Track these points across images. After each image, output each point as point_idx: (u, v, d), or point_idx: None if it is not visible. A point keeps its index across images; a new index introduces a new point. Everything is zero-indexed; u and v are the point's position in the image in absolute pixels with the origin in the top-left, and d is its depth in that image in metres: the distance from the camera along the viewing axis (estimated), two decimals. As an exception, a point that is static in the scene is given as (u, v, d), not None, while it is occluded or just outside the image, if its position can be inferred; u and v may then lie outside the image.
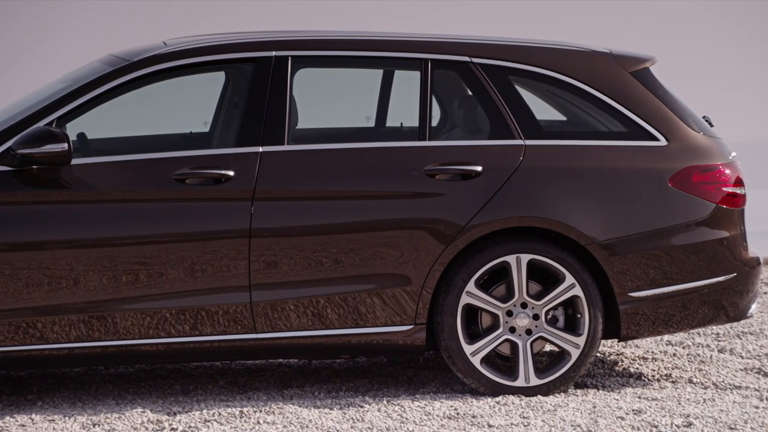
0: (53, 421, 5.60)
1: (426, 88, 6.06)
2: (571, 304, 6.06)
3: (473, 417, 5.68)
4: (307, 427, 5.54)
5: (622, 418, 5.66)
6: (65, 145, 5.65)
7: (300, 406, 5.82)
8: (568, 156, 6.04)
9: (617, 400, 5.98)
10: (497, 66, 6.12)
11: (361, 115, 6.48)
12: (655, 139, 6.14)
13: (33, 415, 5.66)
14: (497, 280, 6.04)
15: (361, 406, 5.83)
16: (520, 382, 6.01)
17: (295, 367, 6.62)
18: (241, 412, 5.72)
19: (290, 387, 6.19)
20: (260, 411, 5.74)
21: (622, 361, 6.72)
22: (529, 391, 6.01)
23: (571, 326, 6.05)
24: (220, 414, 5.69)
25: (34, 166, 5.68)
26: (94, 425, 5.54)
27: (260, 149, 5.88)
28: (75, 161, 5.74)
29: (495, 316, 6.01)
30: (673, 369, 6.55)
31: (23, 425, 5.54)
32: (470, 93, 6.18)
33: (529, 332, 6.03)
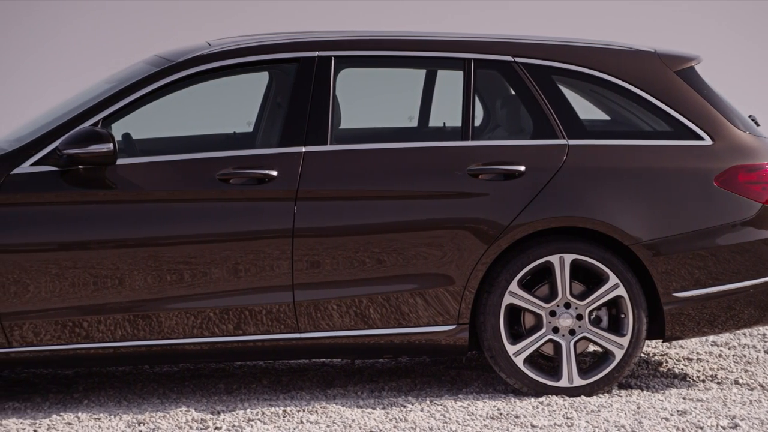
0: (99, 419, 5.64)
1: (469, 87, 6.06)
2: (614, 305, 6.03)
3: (516, 417, 5.67)
4: (350, 426, 5.55)
5: (667, 419, 5.63)
6: (110, 146, 5.69)
7: (343, 406, 5.83)
8: (611, 156, 6.02)
9: (662, 401, 5.95)
10: (541, 65, 6.11)
11: (403, 115, 6.48)
12: (700, 138, 6.10)
13: (79, 414, 5.71)
14: (540, 280, 6.03)
15: (404, 406, 5.83)
16: (563, 383, 5.99)
17: (338, 366, 6.63)
18: (285, 411, 5.73)
19: (333, 386, 6.21)
20: (303, 410, 5.75)
21: (667, 362, 6.68)
22: (572, 392, 5.99)
23: (615, 327, 6.03)
24: (263, 413, 5.71)
25: (80, 166, 5.72)
26: (139, 424, 5.57)
27: (303, 149, 5.90)
28: (120, 161, 5.77)
29: (538, 316, 6.00)
30: (718, 370, 6.51)
31: (70, 423, 5.58)
32: (513, 92, 6.17)
33: (572, 332, 6.01)
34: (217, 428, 5.51)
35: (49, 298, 5.69)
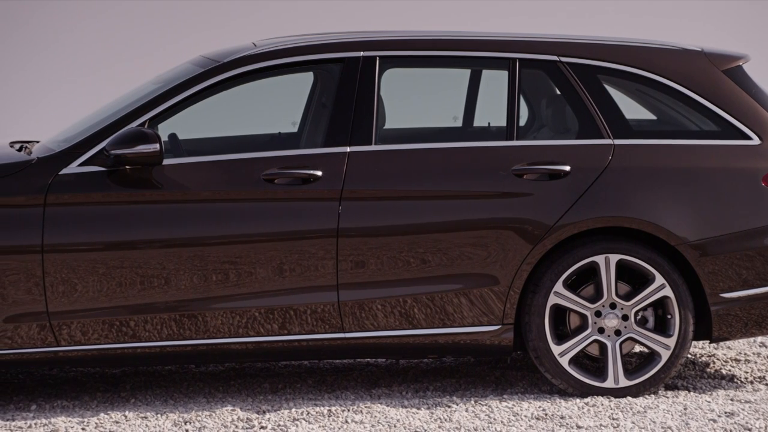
0: (146, 418, 5.68)
1: (514, 87, 6.05)
2: (661, 305, 6.00)
3: (561, 418, 5.65)
4: (394, 426, 5.55)
5: (714, 421, 5.59)
6: (157, 146, 5.72)
7: (388, 406, 5.84)
8: (658, 155, 5.99)
9: (709, 402, 5.91)
10: (586, 65, 6.09)
11: (448, 115, 6.48)
12: (748, 138, 6.05)
13: (126, 412, 5.75)
14: (585, 281, 6.00)
15: (449, 406, 5.83)
16: (609, 383, 5.96)
17: (383, 366, 6.64)
18: (330, 411, 5.75)
19: (378, 386, 6.21)
20: (348, 410, 5.76)
21: (714, 363, 6.64)
22: (618, 393, 5.96)
23: (661, 327, 5.99)
24: (308, 413, 5.73)
25: (127, 167, 5.76)
26: (185, 423, 5.60)
27: (348, 149, 5.91)
28: (166, 161, 5.81)
29: (583, 317, 5.98)
30: (767, 371, 6.45)
31: (117, 422, 5.62)
32: (558, 92, 6.15)
33: (618, 333, 5.98)
34: (262, 427, 5.53)
35: (97, 298, 5.73)
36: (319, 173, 5.85)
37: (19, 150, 6.12)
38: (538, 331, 5.94)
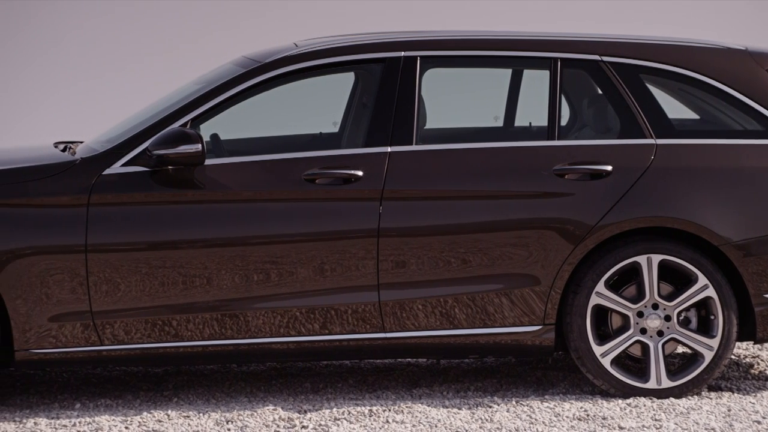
0: (188, 417, 5.70)
1: (555, 87, 6.03)
2: (704, 306, 5.96)
3: (603, 419, 5.63)
4: (435, 426, 5.55)
5: (759, 422, 5.55)
6: (199, 146, 5.75)
7: (429, 406, 5.83)
8: (701, 155, 5.95)
9: (753, 403, 5.86)
10: (628, 64, 6.06)
11: (489, 115, 6.47)
12: (793, 137, 6.01)
13: (169, 411, 5.78)
14: (627, 281, 5.98)
15: (490, 407, 5.82)
16: (651, 384, 5.93)
17: (424, 366, 6.63)
18: (371, 410, 5.75)
19: (419, 386, 6.21)
20: (389, 410, 5.76)
21: (758, 364, 6.59)
22: (661, 394, 5.93)
23: (704, 328, 5.95)
24: (349, 412, 5.73)
25: (169, 167, 5.79)
26: (227, 422, 5.63)
27: (389, 149, 5.91)
28: (208, 162, 5.83)
29: (625, 317, 5.95)
30: (810, 372, 6.40)
31: (160, 421, 5.65)
32: (600, 92, 6.13)
33: (660, 334, 5.95)
34: (303, 427, 5.55)
35: (140, 297, 5.77)
36: (360, 173, 5.86)
37: (63, 150, 6.17)
38: (579, 332, 5.92)
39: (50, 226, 5.70)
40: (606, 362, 5.93)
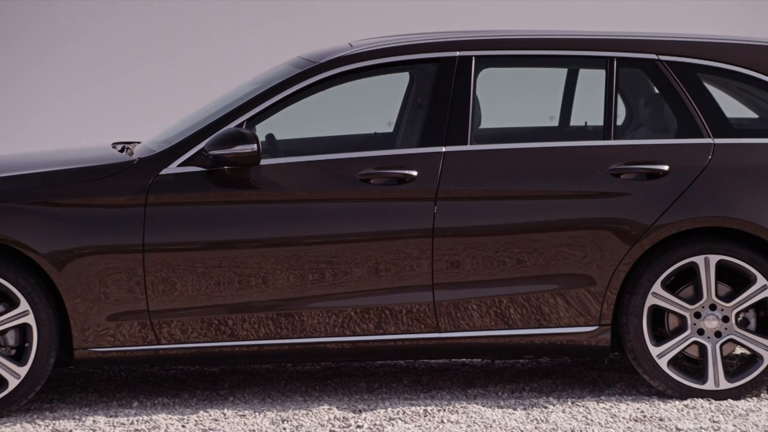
0: (244, 416, 5.73)
1: (611, 86, 6.00)
2: (762, 306, 5.90)
3: (660, 420, 5.60)
4: (490, 426, 5.54)
5: (817, 425, 5.49)
6: (254, 146, 5.77)
7: (483, 406, 5.83)
8: (759, 154, 5.89)
9: (812, 405, 5.80)
10: (685, 63, 6.02)
11: (544, 115, 6.45)
12: None
13: (225, 410, 5.81)
14: (684, 281, 5.93)
15: (545, 407, 5.80)
16: (709, 386, 5.88)
17: (479, 366, 6.62)
18: (425, 410, 5.75)
19: (473, 386, 6.20)
20: (444, 410, 5.76)
21: (817, 366, 6.50)
22: (718, 395, 5.88)
23: (764, 329, 5.90)
24: (404, 412, 5.74)
25: (225, 167, 5.82)
26: (282, 421, 5.65)
27: (443, 149, 5.91)
28: (264, 162, 5.86)
29: (682, 318, 5.91)
30: None
31: (216, 420, 5.68)
32: (657, 91, 6.09)
33: (718, 334, 5.90)
34: (358, 426, 5.56)
35: (196, 297, 5.80)
36: (415, 173, 5.86)
37: (121, 151, 6.23)
38: (635, 332, 5.88)
39: (108, 225, 5.75)
40: (663, 363, 5.89)
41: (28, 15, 12.54)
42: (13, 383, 5.72)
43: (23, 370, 5.72)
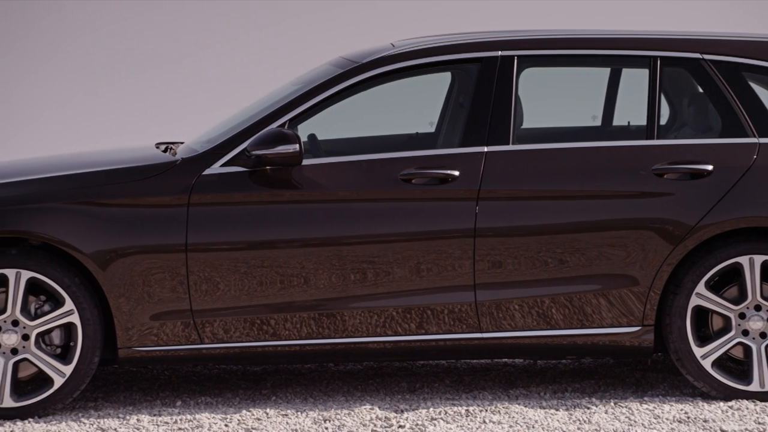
0: (286, 415, 5.75)
1: (655, 85, 5.96)
2: (808, 308, 5.85)
3: (705, 421, 5.56)
4: (532, 427, 5.52)
5: None
6: (296, 146, 5.79)
7: (526, 406, 5.81)
8: None
9: None
10: (730, 62, 5.97)
11: (587, 114, 6.42)
12: None
13: (267, 410, 5.83)
14: (729, 282, 5.89)
15: (588, 408, 5.78)
16: (754, 387, 5.84)
17: (521, 366, 6.61)
18: (467, 410, 5.74)
19: (515, 387, 6.19)
20: (486, 410, 5.75)
21: None
22: (764, 396, 5.83)
23: (809, 330, 5.85)
24: (446, 412, 5.73)
25: (268, 167, 5.84)
26: (324, 421, 5.66)
27: (485, 149, 5.90)
28: (305, 162, 5.87)
29: (726, 319, 5.86)
30: None
31: (258, 419, 5.70)
32: (701, 90, 6.04)
33: (763, 335, 5.85)
34: (400, 426, 5.56)
35: (238, 296, 5.82)
36: (457, 173, 5.85)
37: (165, 151, 6.26)
38: (679, 333, 5.84)
39: (152, 225, 5.78)
40: (707, 364, 5.85)
41: (28, 16, 12.59)
42: (58, 382, 5.77)
43: (68, 369, 5.76)
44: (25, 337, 5.76)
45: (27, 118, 12.35)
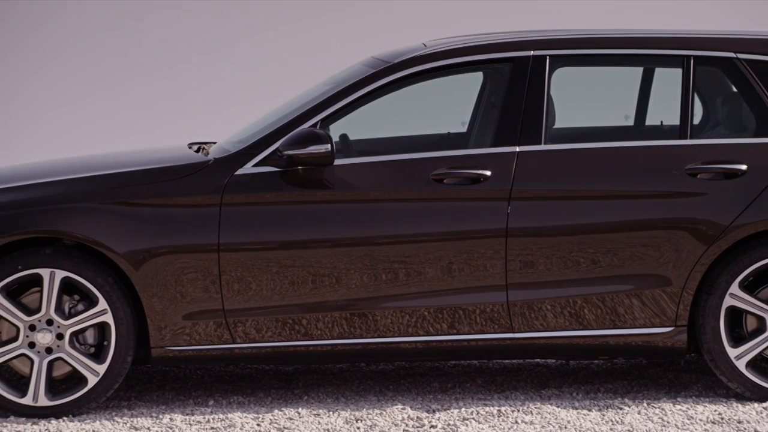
0: (318, 415, 5.76)
1: (688, 85, 5.94)
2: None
3: (739, 423, 5.53)
4: (564, 428, 5.51)
5: None
6: (328, 146, 5.79)
7: (558, 407, 5.80)
8: None
9: None
10: (764, 61, 5.94)
11: (619, 114, 6.40)
12: None
13: (300, 409, 5.84)
14: (763, 282, 5.85)
15: (621, 408, 5.76)
16: (788, 388, 5.80)
17: (553, 367, 6.59)
18: (499, 411, 5.73)
19: (548, 387, 6.17)
20: (518, 410, 5.74)
21: None
22: (799, 398, 5.80)
23: None
24: (478, 412, 5.73)
25: (299, 167, 5.85)
26: (356, 420, 5.66)
27: (517, 149, 5.89)
28: (337, 162, 5.88)
29: (761, 319, 5.83)
30: None
31: (291, 418, 5.71)
32: (735, 90, 6.01)
33: (797, 336, 5.81)
34: (432, 426, 5.55)
35: (270, 296, 5.84)
36: (488, 173, 5.84)
37: (197, 151, 6.28)
38: (712, 334, 5.81)
39: (184, 225, 5.80)
40: (741, 365, 5.82)
41: (29, 18, 12.62)
42: (92, 381, 5.80)
43: (102, 368, 5.79)
44: (60, 337, 5.80)
45: (27, 119, 12.41)
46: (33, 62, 12.52)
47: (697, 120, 6.09)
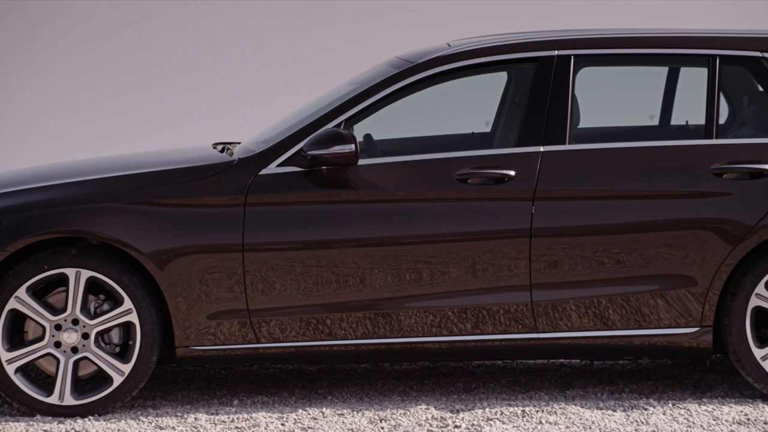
0: (342, 415, 5.76)
1: (713, 84, 5.91)
2: None
3: (765, 423, 5.51)
4: (589, 428, 5.50)
5: None
6: (352, 146, 5.80)
7: (582, 407, 5.78)
8: None
9: None
10: (791, 60, 5.91)
11: (644, 114, 6.37)
12: None
13: (323, 409, 5.84)
14: (789, 283, 5.82)
15: (645, 409, 5.74)
16: (814, 389, 5.77)
17: (577, 367, 6.58)
18: (523, 411, 5.73)
19: (572, 387, 6.16)
20: (542, 411, 5.73)
21: None
22: (824, 399, 5.77)
23: None
24: (502, 413, 5.72)
25: (323, 167, 5.86)
26: (380, 420, 5.67)
27: (541, 149, 5.88)
28: (361, 162, 5.88)
29: (786, 320, 5.80)
30: None
31: (315, 418, 5.72)
32: (761, 89, 5.98)
33: (823, 337, 5.78)
34: (456, 426, 5.55)
35: (294, 296, 5.84)
36: (513, 173, 5.83)
37: (222, 151, 6.30)
38: (738, 334, 5.79)
39: (209, 225, 5.82)
40: (767, 365, 5.79)
41: (30, 19, 12.65)
42: (117, 380, 5.82)
43: (127, 368, 5.81)
44: (85, 336, 5.82)
45: (27, 120, 12.45)
46: (33, 62, 12.57)
47: (722, 119, 6.07)
